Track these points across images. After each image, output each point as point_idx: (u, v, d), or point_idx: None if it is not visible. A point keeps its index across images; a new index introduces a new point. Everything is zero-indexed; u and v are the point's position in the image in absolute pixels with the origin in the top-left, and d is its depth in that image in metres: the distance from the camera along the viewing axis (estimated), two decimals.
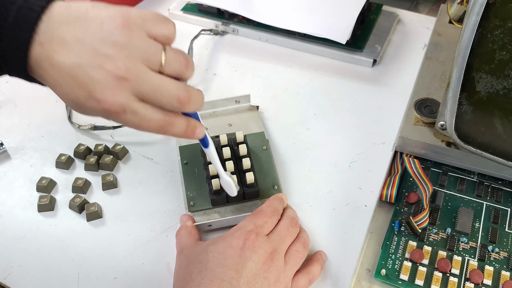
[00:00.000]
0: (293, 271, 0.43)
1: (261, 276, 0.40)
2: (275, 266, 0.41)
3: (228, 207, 0.48)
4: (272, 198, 0.47)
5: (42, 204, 0.50)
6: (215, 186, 0.47)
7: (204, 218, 0.48)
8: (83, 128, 0.58)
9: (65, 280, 0.45)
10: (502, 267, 0.44)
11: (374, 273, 0.44)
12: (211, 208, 0.48)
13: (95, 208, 0.50)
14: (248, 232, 0.42)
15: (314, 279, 0.44)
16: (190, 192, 0.49)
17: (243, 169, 0.49)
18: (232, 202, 0.48)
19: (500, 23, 0.37)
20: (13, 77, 0.37)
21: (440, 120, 0.45)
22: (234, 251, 0.40)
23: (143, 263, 0.47)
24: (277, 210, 0.45)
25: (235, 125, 0.56)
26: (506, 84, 0.39)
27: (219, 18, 0.72)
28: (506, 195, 0.49)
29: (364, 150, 0.56)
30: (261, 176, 0.50)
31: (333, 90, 0.63)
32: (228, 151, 0.49)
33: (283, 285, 0.41)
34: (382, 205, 0.49)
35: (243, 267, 0.39)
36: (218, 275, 0.39)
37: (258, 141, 0.53)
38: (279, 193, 0.49)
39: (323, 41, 0.66)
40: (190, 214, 0.48)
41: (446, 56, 0.57)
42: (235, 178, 0.46)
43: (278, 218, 0.45)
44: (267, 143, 0.53)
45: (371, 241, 0.46)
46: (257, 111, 0.57)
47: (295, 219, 0.45)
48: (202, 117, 0.55)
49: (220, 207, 0.48)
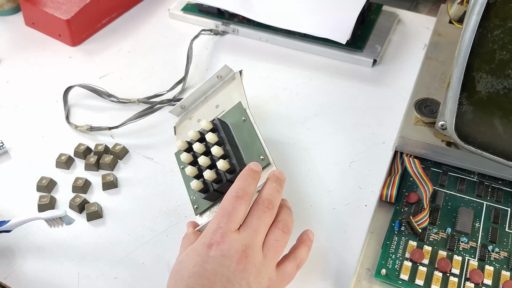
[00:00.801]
0: (275, 262, 0.40)
1: (238, 277, 0.37)
2: (252, 263, 0.38)
3: None
4: (237, 178, 0.41)
5: (42, 204, 0.50)
6: (197, 186, 0.45)
7: (211, 215, 0.47)
8: (80, 129, 0.58)
9: (65, 280, 0.45)
10: (502, 267, 0.44)
11: (374, 273, 0.44)
12: (212, 204, 0.47)
13: (95, 208, 0.50)
14: (212, 234, 0.38)
15: (302, 263, 0.42)
16: (192, 195, 0.48)
17: (216, 159, 0.46)
18: (225, 191, 0.46)
19: (501, 23, 0.37)
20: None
21: (440, 120, 0.45)
22: (202, 258, 0.38)
23: (143, 263, 0.47)
24: (245, 193, 0.40)
25: (221, 104, 0.52)
26: (506, 84, 0.39)
27: (219, 18, 0.72)
28: (506, 195, 0.49)
29: (364, 150, 0.56)
30: (246, 150, 0.47)
31: (333, 90, 0.63)
32: (200, 147, 0.46)
33: (265, 279, 0.38)
34: (382, 205, 0.49)
35: (214, 274, 0.37)
36: (191, 285, 0.37)
37: (237, 114, 0.49)
38: (247, 167, 0.42)
39: (323, 41, 0.66)
40: (198, 217, 0.47)
41: (446, 56, 0.57)
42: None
43: (249, 202, 0.40)
44: (245, 114, 0.48)
45: (371, 241, 0.46)
46: (239, 78, 0.52)
47: (269, 200, 0.40)
48: (197, 107, 0.54)
49: (219, 200, 0.46)
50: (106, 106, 0.62)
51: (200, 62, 0.67)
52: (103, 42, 0.71)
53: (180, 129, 0.54)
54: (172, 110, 0.55)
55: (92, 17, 0.71)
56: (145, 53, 0.70)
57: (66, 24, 0.68)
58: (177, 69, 0.66)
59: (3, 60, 0.69)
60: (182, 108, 0.55)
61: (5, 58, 0.69)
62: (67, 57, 0.69)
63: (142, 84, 0.65)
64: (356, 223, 0.49)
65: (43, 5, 0.70)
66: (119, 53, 0.70)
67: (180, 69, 0.66)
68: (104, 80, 0.65)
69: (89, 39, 0.72)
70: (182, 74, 0.65)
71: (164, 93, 0.62)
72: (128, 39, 0.72)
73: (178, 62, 0.67)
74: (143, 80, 0.65)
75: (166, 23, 0.74)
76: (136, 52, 0.70)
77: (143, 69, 0.67)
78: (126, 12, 0.76)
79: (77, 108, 0.61)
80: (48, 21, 0.70)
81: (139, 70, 0.67)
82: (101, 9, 0.72)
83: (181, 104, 0.54)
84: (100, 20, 0.73)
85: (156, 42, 0.71)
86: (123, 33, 0.73)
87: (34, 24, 0.73)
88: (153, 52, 0.70)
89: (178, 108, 0.55)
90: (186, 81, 0.63)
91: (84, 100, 0.62)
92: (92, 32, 0.72)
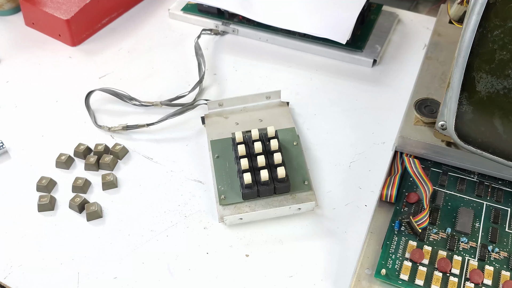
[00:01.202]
0: None
1: None
2: None
3: (258, 201, 0.49)
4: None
5: (42, 203, 0.50)
6: (247, 180, 0.48)
7: (235, 211, 0.48)
8: (114, 129, 0.58)
9: (65, 280, 0.45)
10: (502, 267, 0.44)
11: (374, 273, 0.44)
12: (242, 202, 0.49)
13: (95, 207, 0.50)
14: None
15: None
16: (221, 185, 0.50)
17: (274, 163, 0.49)
18: (263, 196, 0.49)
19: (501, 23, 0.37)
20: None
21: (440, 120, 0.45)
22: None
23: (143, 263, 0.47)
24: None
25: (265, 120, 0.56)
26: (506, 84, 0.39)
27: (219, 18, 0.72)
28: (506, 195, 0.49)
29: (364, 150, 0.56)
30: (292, 171, 0.51)
31: (333, 90, 0.63)
32: (260, 146, 0.50)
33: None
34: (382, 205, 0.49)
35: None
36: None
37: (288, 137, 0.54)
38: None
39: (323, 41, 0.66)
40: (221, 207, 0.48)
41: (446, 56, 0.57)
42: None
43: None
44: (297, 139, 0.54)
45: (371, 241, 0.46)
46: (287, 107, 0.58)
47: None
48: (233, 112, 0.57)
49: (251, 201, 0.49)
50: (125, 109, 0.61)
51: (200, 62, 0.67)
52: (103, 42, 0.71)
53: (211, 122, 0.57)
54: (209, 103, 0.58)
55: (92, 17, 0.71)
56: (145, 53, 0.70)
57: (66, 24, 0.68)
58: (177, 69, 0.66)
59: (3, 60, 0.69)
60: (219, 105, 0.58)
61: (5, 58, 0.69)
62: (67, 57, 0.69)
63: (142, 84, 0.65)
64: (356, 223, 0.49)
65: (43, 5, 0.70)
66: (119, 53, 0.70)
67: (180, 69, 0.66)
68: (104, 80, 0.65)
69: (89, 39, 0.72)
70: (183, 74, 0.65)
71: (186, 94, 0.61)
72: (128, 39, 0.72)
73: (179, 62, 0.67)
74: (143, 80, 0.65)
75: (166, 23, 0.74)
76: (136, 52, 0.70)
77: (143, 69, 0.67)
78: (126, 12, 0.76)
79: (97, 113, 0.61)
80: (48, 21, 0.70)
81: (139, 70, 0.67)
82: (101, 9, 0.72)
83: (219, 102, 0.58)
84: (100, 20, 0.73)
85: (156, 42, 0.71)
86: (123, 33, 0.73)
87: (34, 24, 0.73)
88: (153, 52, 0.70)
89: (216, 104, 0.58)
90: (202, 83, 0.63)
91: (102, 105, 0.62)
92: (92, 32, 0.72)
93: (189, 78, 0.65)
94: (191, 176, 0.54)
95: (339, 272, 0.45)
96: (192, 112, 0.59)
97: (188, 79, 0.65)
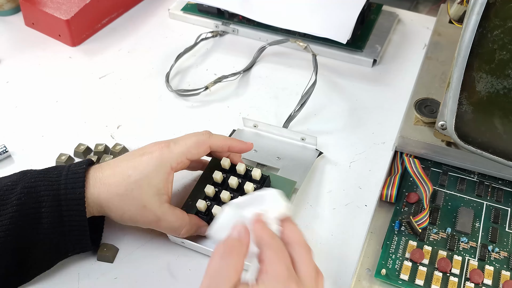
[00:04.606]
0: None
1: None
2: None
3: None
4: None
5: None
6: (200, 207, 0.47)
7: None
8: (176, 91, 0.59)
9: (65, 280, 0.45)
10: (502, 267, 0.44)
11: (374, 273, 0.44)
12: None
13: None
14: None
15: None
16: (191, 200, 0.49)
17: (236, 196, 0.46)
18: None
19: (500, 23, 0.37)
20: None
21: (440, 120, 0.45)
22: None
23: (143, 263, 0.47)
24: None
25: (282, 160, 0.53)
26: (506, 84, 0.39)
27: (219, 18, 0.72)
28: (506, 195, 0.49)
29: (364, 150, 0.56)
30: None
31: (333, 90, 0.63)
32: (235, 182, 0.46)
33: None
34: (382, 205, 0.49)
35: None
36: None
37: (282, 189, 0.43)
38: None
39: (323, 41, 0.66)
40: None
41: (446, 56, 0.57)
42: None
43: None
44: (289, 195, 0.47)
45: (371, 241, 0.46)
46: (314, 158, 0.53)
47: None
48: (261, 136, 0.56)
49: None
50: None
51: (200, 62, 0.67)
52: (103, 42, 0.71)
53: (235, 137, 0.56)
54: (245, 120, 0.57)
55: (92, 17, 0.71)
56: (145, 53, 0.70)
57: (66, 24, 0.68)
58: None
59: (3, 60, 0.69)
60: (254, 126, 0.57)
61: (5, 58, 0.69)
62: (67, 57, 0.69)
63: (142, 84, 0.65)
64: (356, 223, 0.49)
65: (43, 5, 0.70)
66: (119, 53, 0.70)
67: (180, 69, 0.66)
68: (104, 80, 0.65)
69: (89, 39, 0.72)
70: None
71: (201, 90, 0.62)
72: (128, 39, 0.72)
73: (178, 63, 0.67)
74: (143, 80, 0.65)
75: (166, 23, 0.74)
76: (136, 52, 0.70)
77: (143, 69, 0.67)
78: (126, 12, 0.76)
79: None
80: (48, 21, 0.70)
81: (139, 70, 0.67)
82: (101, 9, 0.72)
83: (255, 123, 0.56)
84: (100, 20, 0.73)
85: (156, 42, 0.71)
86: (123, 33, 0.73)
87: (34, 24, 0.73)
88: (153, 52, 0.70)
89: (251, 123, 0.57)
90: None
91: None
92: (92, 32, 0.72)
93: (189, 78, 0.65)
94: (191, 176, 0.54)
95: (339, 272, 0.45)
96: (193, 115, 0.59)
97: (188, 80, 0.65)
